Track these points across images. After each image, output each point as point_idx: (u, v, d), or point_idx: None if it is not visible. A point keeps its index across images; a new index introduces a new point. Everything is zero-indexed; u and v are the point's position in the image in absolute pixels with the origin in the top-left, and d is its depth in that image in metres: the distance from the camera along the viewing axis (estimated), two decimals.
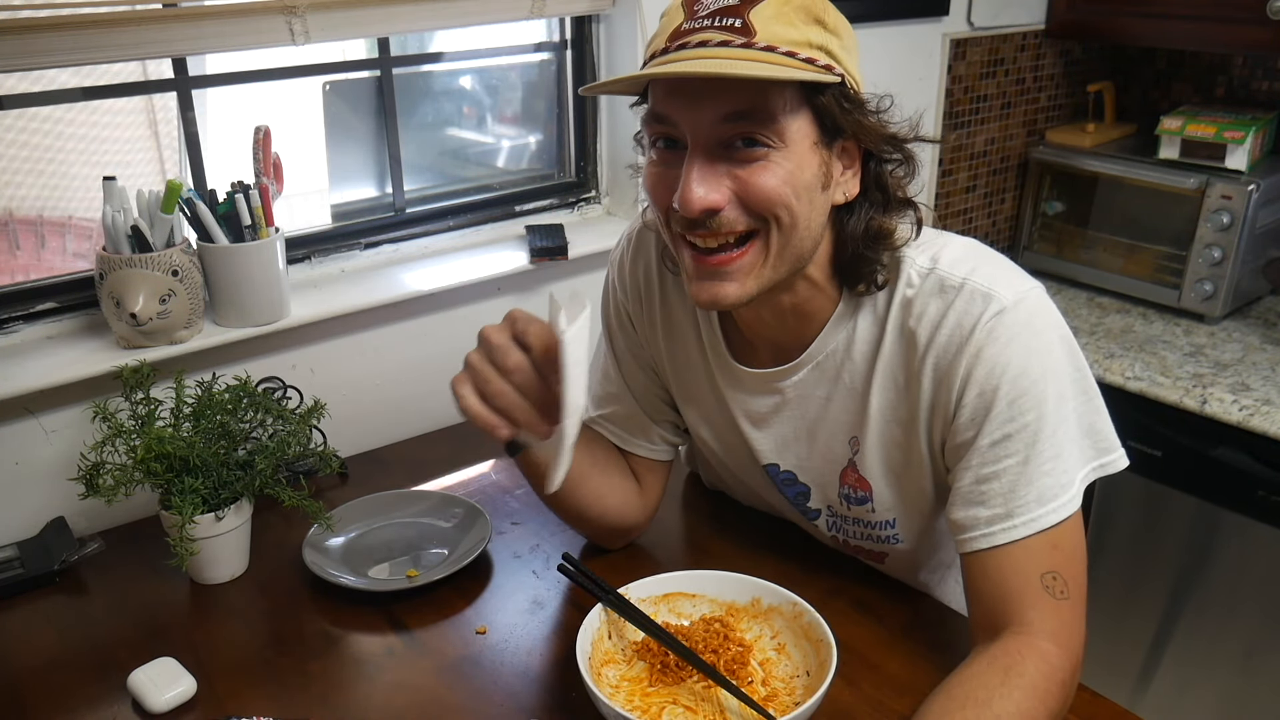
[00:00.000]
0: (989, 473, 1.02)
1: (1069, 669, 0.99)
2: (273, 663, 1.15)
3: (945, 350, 1.03)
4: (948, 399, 1.04)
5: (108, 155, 1.71)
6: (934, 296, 1.04)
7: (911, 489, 1.13)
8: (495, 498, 1.48)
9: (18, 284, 1.47)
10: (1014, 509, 1.00)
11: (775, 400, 1.17)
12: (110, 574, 1.33)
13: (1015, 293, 1.01)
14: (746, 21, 0.93)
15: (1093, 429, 1.04)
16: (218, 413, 1.29)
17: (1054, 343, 1.02)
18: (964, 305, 1.02)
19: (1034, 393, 1.00)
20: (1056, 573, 1.00)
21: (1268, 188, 2.08)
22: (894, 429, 1.10)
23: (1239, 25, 2.03)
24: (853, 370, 1.11)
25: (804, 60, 0.93)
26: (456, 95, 1.92)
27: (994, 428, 1.01)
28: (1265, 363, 1.98)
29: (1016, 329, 1.00)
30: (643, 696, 1.04)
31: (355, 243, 1.73)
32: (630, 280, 1.28)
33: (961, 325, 1.01)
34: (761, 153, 0.94)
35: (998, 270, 1.04)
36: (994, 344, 1.00)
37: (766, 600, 1.13)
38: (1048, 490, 1.00)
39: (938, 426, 1.07)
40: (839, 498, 1.19)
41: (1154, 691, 2.13)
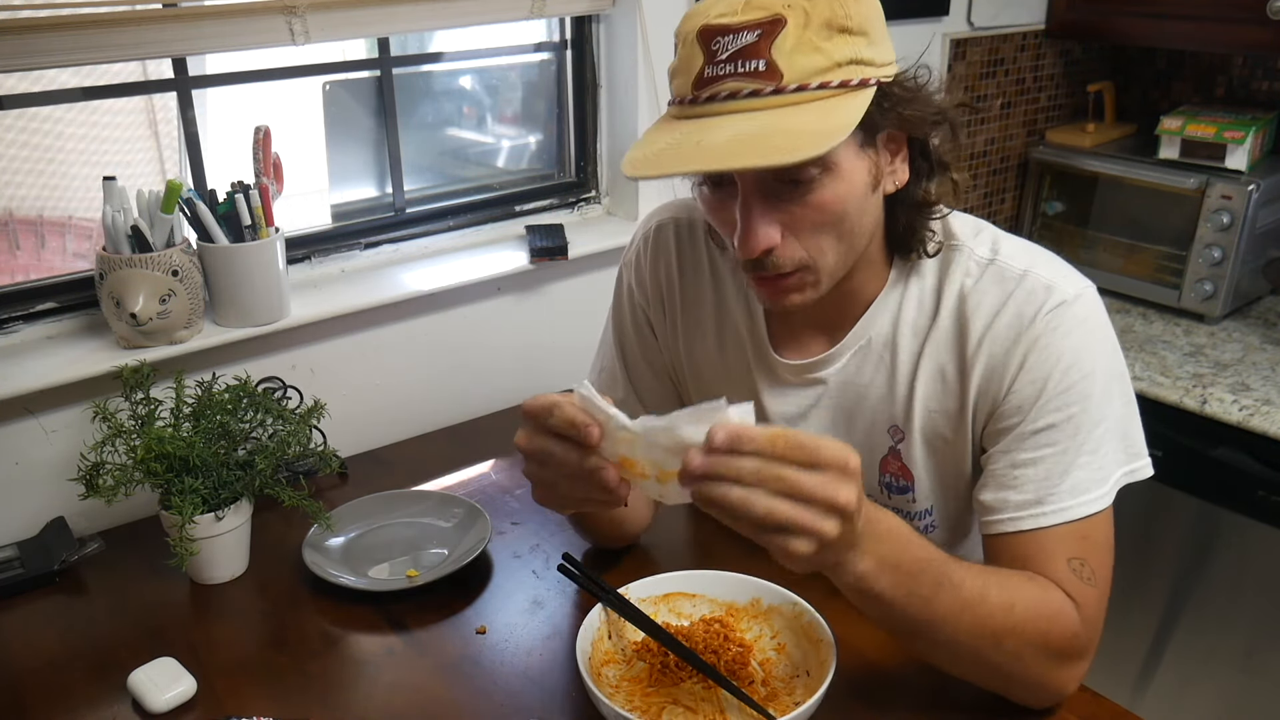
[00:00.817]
0: (1026, 459, 1.03)
1: (1083, 640, 1.00)
2: (273, 663, 1.15)
3: (1003, 338, 1.04)
4: (999, 386, 1.04)
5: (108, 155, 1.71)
6: (994, 285, 1.05)
7: (951, 477, 1.14)
8: (495, 498, 1.48)
9: (18, 284, 1.47)
10: (1045, 497, 1.01)
11: (816, 391, 1.17)
12: (110, 574, 1.33)
13: (1076, 288, 1.04)
14: (770, 62, 0.91)
15: (1127, 434, 1.06)
16: (218, 413, 1.29)
17: (1107, 340, 1.05)
18: (1025, 295, 1.03)
19: (1083, 386, 1.01)
20: (1084, 560, 1.01)
21: (1268, 188, 2.07)
22: (938, 419, 1.11)
23: (1239, 25, 2.03)
24: (897, 356, 1.11)
25: (837, 87, 0.92)
26: (456, 95, 1.92)
27: (1039, 415, 1.02)
28: (1265, 363, 1.98)
29: (1075, 323, 1.02)
30: (642, 696, 1.04)
31: (355, 243, 1.73)
32: (651, 283, 1.27)
33: (1022, 314, 1.03)
34: (811, 185, 0.95)
35: (1057, 265, 1.07)
36: (1053, 334, 1.02)
37: (766, 600, 1.13)
38: (1082, 483, 1.01)
39: (984, 411, 1.07)
40: (879, 486, 1.18)
41: (1154, 691, 2.13)
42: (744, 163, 0.89)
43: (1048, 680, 1.01)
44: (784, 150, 0.88)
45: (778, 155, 0.88)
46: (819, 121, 0.90)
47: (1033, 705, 1.04)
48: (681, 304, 1.26)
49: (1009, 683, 1.02)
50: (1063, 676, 1.01)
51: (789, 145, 0.88)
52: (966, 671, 1.01)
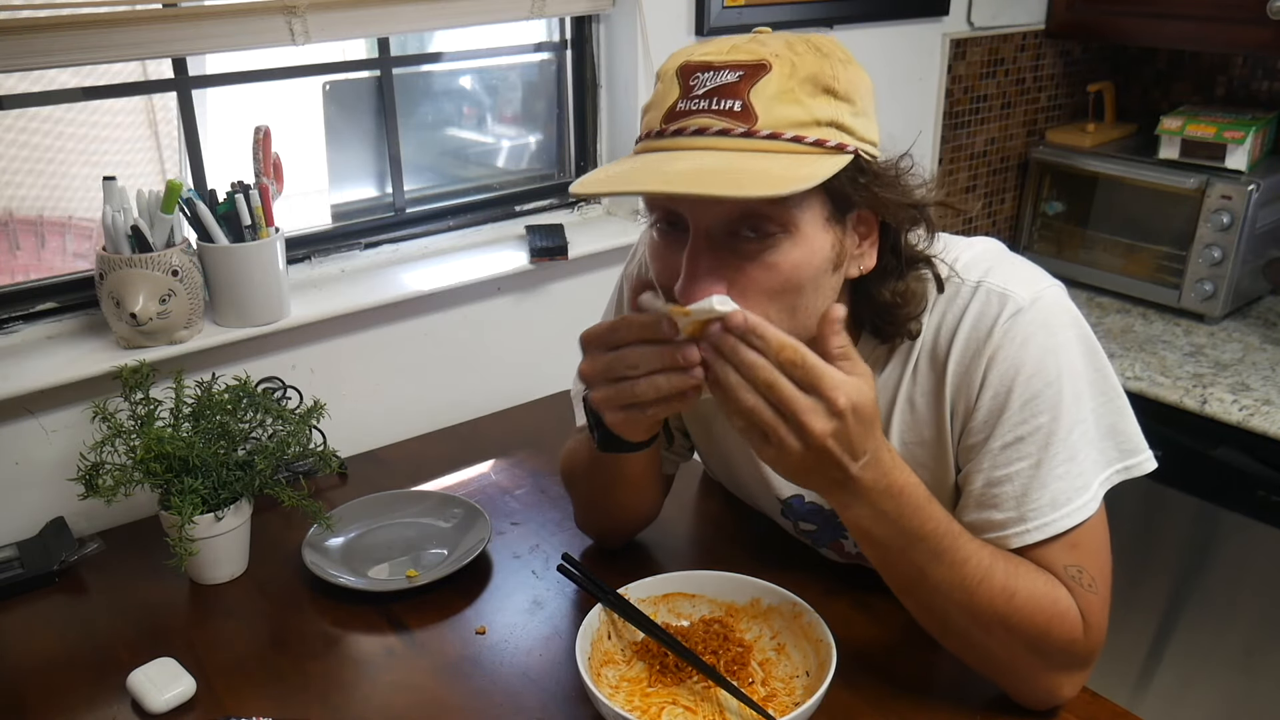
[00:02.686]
0: (1000, 475, 1.00)
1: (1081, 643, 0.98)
2: (272, 663, 1.15)
3: (964, 355, 1.01)
4: (966, 403, 1.01)
5: (108, 155, 1.71)
6: (952, 304, 1.02)
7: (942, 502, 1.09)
8: (495, 498, 1.48)
9: (18, 284, 1.47)
10: (1026, 513, 0.98)
11: None
12: (110, 574, 1.33)
13: (1031, 292, 1.00)
14: (747, 104, 0.87)
15: (1114, 430, 1.02)
16: (217, 413, 1.29)
17: (1071, 342, 1.00)
18: (979, 308, 1.00)
19: (1048, 394, 0.98)
20: (1081, 567, 0.99)
21: (1268, 188, 2.08)
22: (917, 451, 1.07)
23: (1239, 25, 2.03)
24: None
25: (812, 144, 0.87)
26: (456, 95, 1.92)
27: (1006, 430, 0.99)
28: (1265, 363, 1.98)
29: (1032, 329, 0.98)
30: (642, 697, 1.04)
31: (355, 243, 1.73)
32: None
33: (978, 328, 1.00)
34: (768, 243, 0.90)
35: (1014, 270, 1.03)
36: (1009, 345, 0.98)
37: (766, 600, 1.13)
38: (1061, 494, 0.98)
39: (957, 430, 1.04)
40: None
41: (1154, 691, 2.13)
42: (699, 189, 0.82)
43: (1037, 680, 1.01)
44: (743, 185, 0.83)
45: (736, 188, 0.82)
46: (786, 169, 0.85)
47: (1025, 703, 1.04)
48: None
49: (998, 673, 1.02)
50: (1056, 680, 1.01)
51: (750, 182, 0.83)
52: (955, 648, 1.01)
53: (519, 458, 1.61)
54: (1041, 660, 0.99)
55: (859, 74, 0.92)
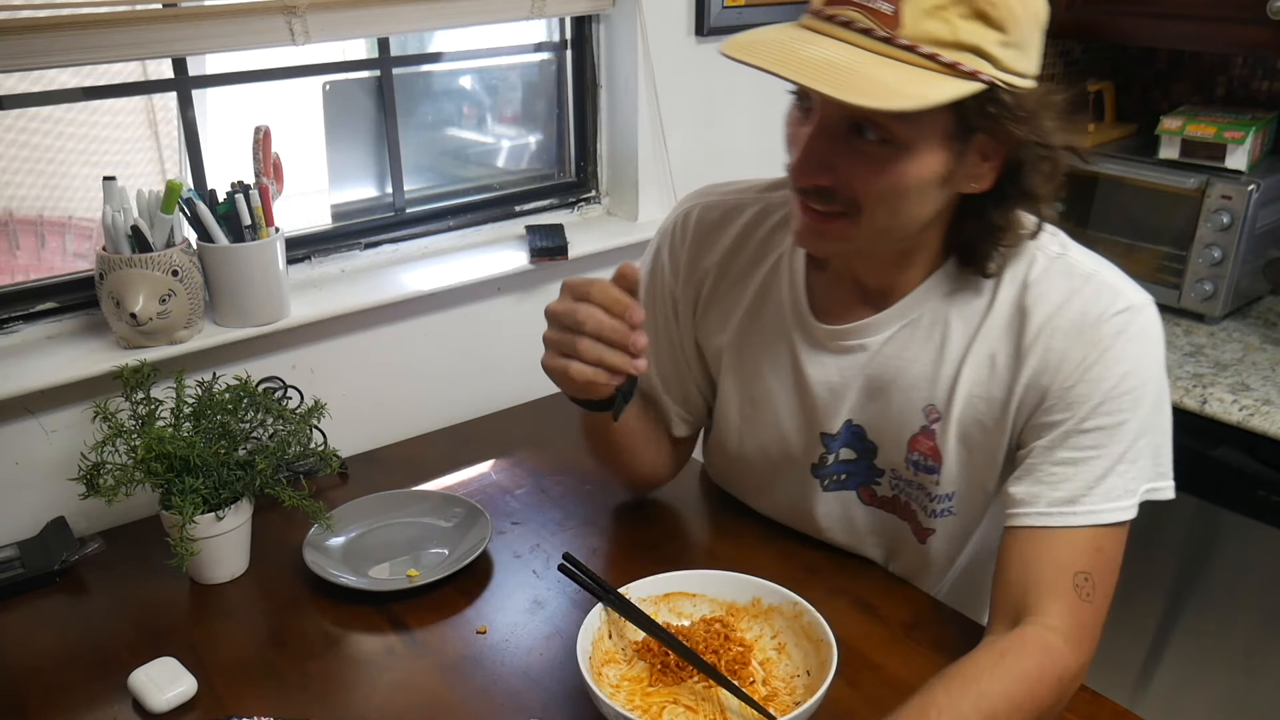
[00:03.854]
0: (1069, 457, 1.03)
1: (1072, 669, 0.99)
2: (273, 662, 1.15)
3: (1065, 332, 1.03)
4: (1052, 379, 1.04)
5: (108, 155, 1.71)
6: (1060, 279, 1.05)
7: (981, 465, 1.12)
8: (495, 497, 1.48)
9: (18, 284, 1.47)
10: (1078, 497, 1.02)
11: (855, 359, 1.15)
12: (110, 574, 1.33)
13: (1141, 298, 1.05)
14: (898, 10, 0.88)
15: (1159, 451, 1.06)
16: (218, 413, 1.29)
17: (1158, 355, 1.05)
18: (1092, 294, 1.04)
19: (1135, 395, 1.02)
20: (1090, 574, 1.02)
21: (1268, 188, 2.07)
22: (980, 405, 1.09)
23: (1239, 25, 2.03)
24: (948, 338, 1.10)
25: (946, 64, 0.89)
26: (456, 95, 1.92)
27: (1092, 416, 1.02)
28: (1265, 363, 1.98)
29: (1139, 330, 1.03)
30: (643, 696, 1.04)
31: (355, 243, 1.73)
32: (686, 267, 1.27)
33: (1088, 312, 1.03)
34: (881, 150, 0.94)
35: (1122, 275, 1.07)
36: (1118, 338, 1.02)
37: (767, 600, 1.13)
38: (1115, 489, 1.02)
39: (1030, 402, 1.06)
40: (905, 462, 1.17)
41: (1154, 691, 2.13)
42: (815, 83, 0.87)
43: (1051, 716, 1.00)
44: (858, 92, 0.86)
45: (848, 91, 0.86)
46: (907, 84, 0.88)
47: None
48: (729, 287, 1.24)
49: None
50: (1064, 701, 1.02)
51: (865, 89, 0.87)
52: None
53: (519, 457, 1.61)
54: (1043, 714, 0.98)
55: (1033, 4, 0.93)
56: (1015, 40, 0.92)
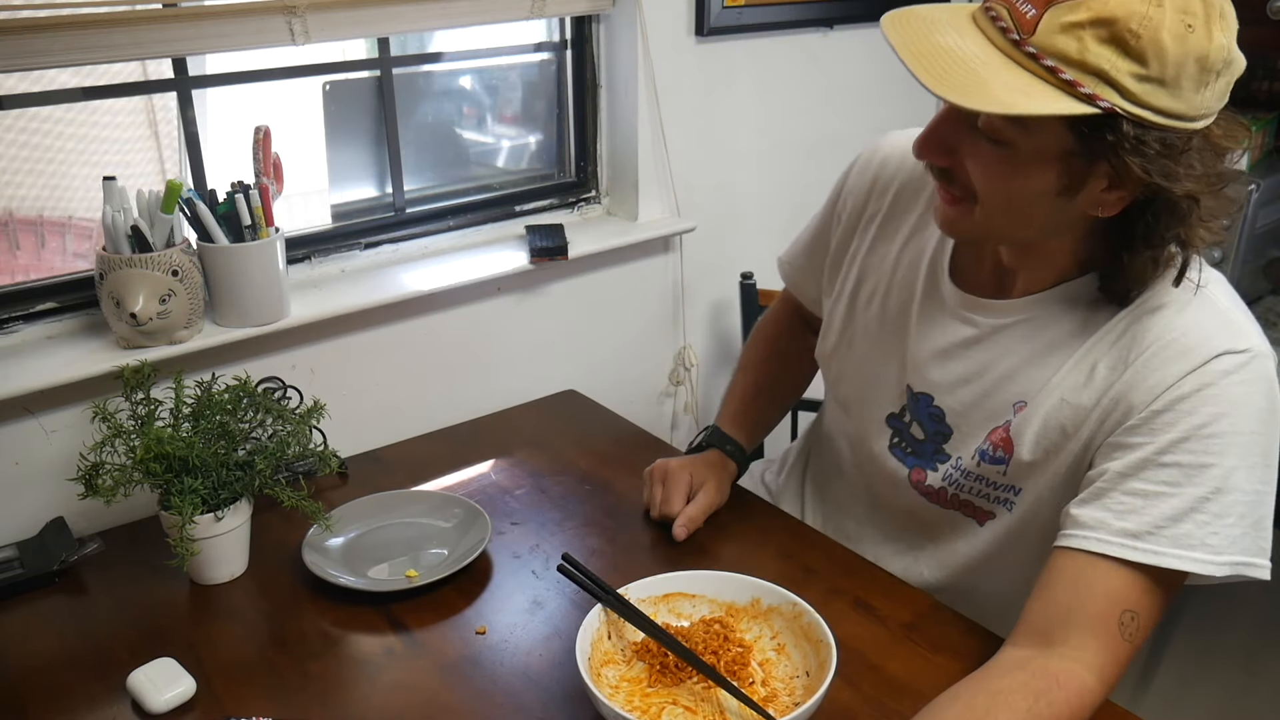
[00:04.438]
0: (1142, 489, 0.98)
1: (1092, 700, 0.98)
2: (272, 663, 1.15)
3: (1172, 356, 0.99)
4: (1139, 397, 1.00)
5: (108, 155, 1.71)
6: (1188, 308, 1.01)
7: (1049, 471, 1.10)
8: (495, 498, 1.48)
9: (18, 284, 1.47)
10: (1144, 533, 0.97)
11: (965, 333, 1.15)
12: (110, 574, 1.33)
13: (1262, 347, 1.00)
14: (1039, 17, 0.89)
15: (1260, 524, 1.00)
16: (217, 413, 1.29)
17: (1268, 414, 0.99)
18: (1215, 327, 1.00)
19: (1230, 440, 0.97)
20: (1137, 614, 0.98)
21: (1268, 188, 2.07)
22: (1066, 412, 1.07)
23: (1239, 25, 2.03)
24: (1056, 341, 1.08)
25: (1064, 81, 0.88)
26: (456, 95, 1.92)
27: (1169, 450, 0.98)
28: None
29: (1253, 377, 0.98)
30: (642, 697, 1.04)
31: (355, 243, 1.73)
32: (873, 176, 1.30)
33: (1206, 343, 0.98)
34: (989, 148, 0.96)
35: (1256, 325, 1.04)
36: (1224, 378, 0.97)
37: (766, 601, 1.13)
38: (1187, 538, 0.96)
39: (1115, 418, 1.02)
40: (975, 453, 1.15)
41: (1154, 691, 2.13)
42: (921, 72, 0.91)
43: None
44: (953, 86, 0.90)
45: (942, 84, 0.90)
46: (1010, 91, 0.89)
47: None
48: (891, 204, 1.27)
49: None
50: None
51: (963, 85, 0.90)
52: None
53: (519, 458, 1.61)
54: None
55: (1195, 43, 0.89)
56: (1158, 75, 0.88)
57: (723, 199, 2.07)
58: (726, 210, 2.08)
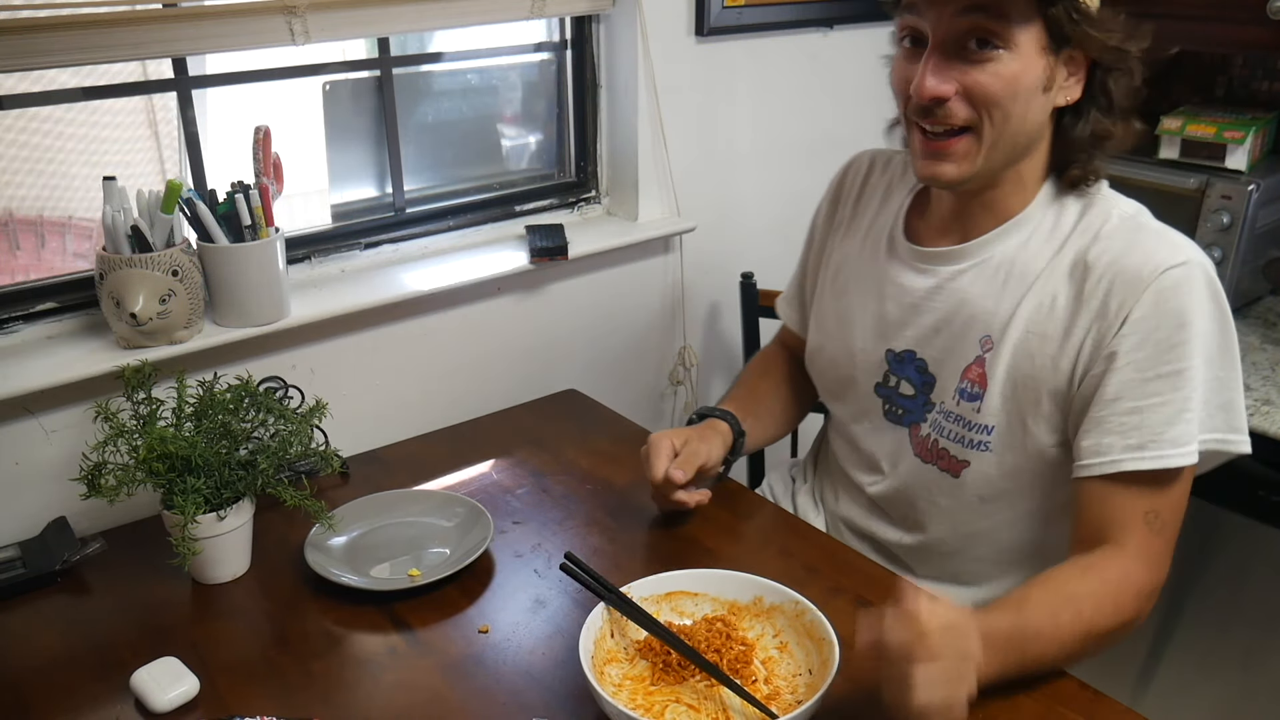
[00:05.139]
0: (1135, 406, 1.09)
1: (1149, 585, 1.10)
2: (275, 662, 1.15)
3: (1125, 282, 1.10)
4: (1110, 324, 1.11)
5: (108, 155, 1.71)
6: (1127, 234, 1.14)
7: (1026, 400, 1.19)
8: (497, 497, 1.48)
9: (18, 284, 1.47)
10: (1147, 442, 1.09)
11: (930, 283, 1.26)
12: (112, 574, 1.33)
13: (1201, 256, 1.12)
14: None
15: (1230, 405, 1.13)
16: (219, 412, 1.29)
17: (1217, 311, 1.11)
18: (1154, 246, 1.12)
19: (1194, 344, 1.08)
20: (1159, 512, 1.10)
21: (1268, 188, 2.07)
22: (1034, 341, 1.17)
23: (1239, 25, 2.03)
24: (1011, 276, 1.19)
25: None
26: (456, 95, 1.92)
27: (1150, 366, 1.09)
28: (1265, 363, 1.98)
29: (1196, 284, 1.09)
30: (645, 695, 1.04)
31: (355, 243, 1.73)
32: (836, 186, 1.46)
33: (1148, 263, 1.10)
34: (991, 54, 1.07)
35: (1185, 238, 1.15)
36: (1174, 289, 1.09)
37: (769, 599, 1.13)
38: (1182, 435, 1.09)
39: (1088, 352, 1.13)
40: (954, 392, 1.24)
41: (1154, 691, 2.13)
42: None
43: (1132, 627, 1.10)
44: None
45: None
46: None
47: None
48: (852, 211, 1.41)
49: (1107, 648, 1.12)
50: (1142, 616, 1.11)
51: None
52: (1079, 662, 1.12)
53: (520, 457, 1.61)
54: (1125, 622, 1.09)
55: None
56: None
57: (723, 199, 2.07)
58: (726, 210, 2.08)
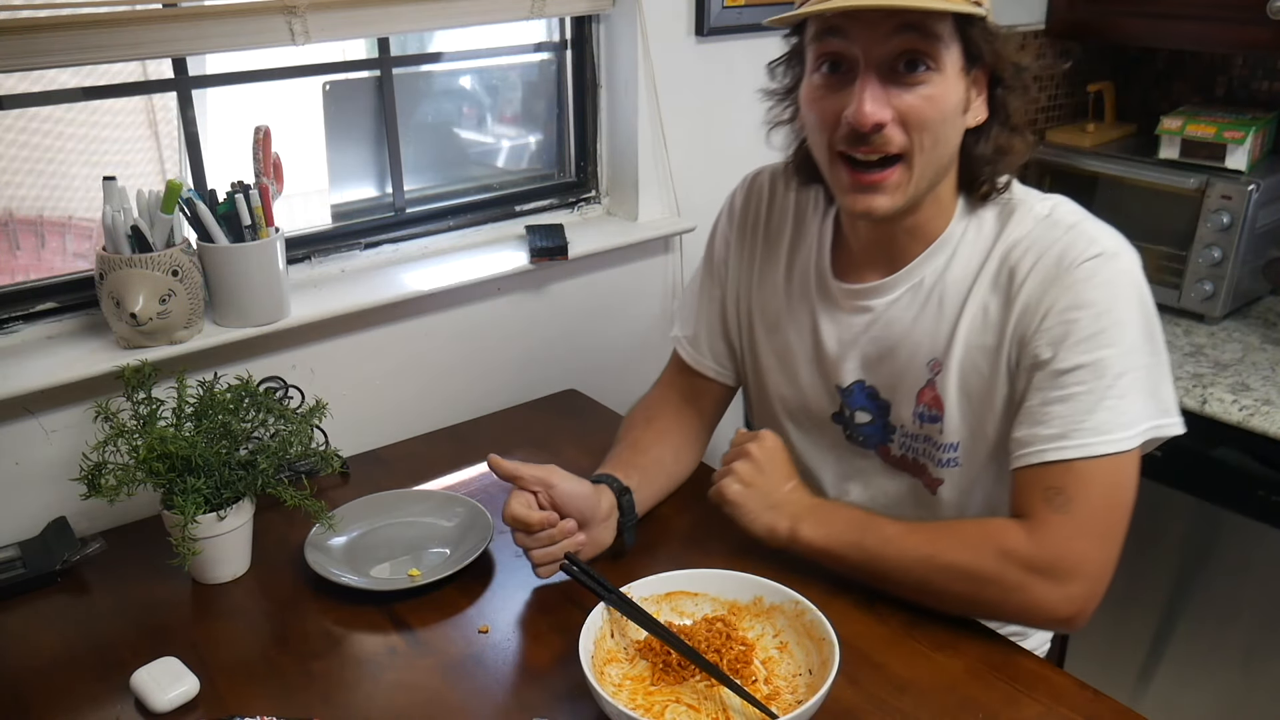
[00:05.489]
0: (1056, 396, 1.10)
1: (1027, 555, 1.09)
2: (275, 662, 1.15)
3: (1043, 277, 1.12)
4: (1032, 321, 1.12)
5: (108, 155, 1.71)
6: (1045, 232, 1.15)
7: (981, 412, 1.20)
8: (497, 497, 1.48)
9: (18, 284, 1.47)
10: (1069, 431, 1.09)
11: (866, 319, 1.26)
12: (112, 574, 1.33)
13: (1117, 245, 1.13)
14: None
15: (1157, 392, 1.13)
16: (219, 412, 1.29)
17: (1137, 298, 1.12)
18: (1070, 240, 1.12)
19: (1113, 333, 1.09)
20: (1060, 489, 1.10)
21: (1268, 188, 2.08)
22: (977, 355, 1.18)
23: (1239, 25, 2.03)
24: (945, 297, 1.20)
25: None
26: (456, 95, 1.92)
27: (1068, 355, 1.10)
28: (1265, 363, 1.98)
29: (1111, 275, 1.10)
30: (645, 695, 1.04)
31: (355, 243, 1.73)
32: (740, 214, 1.42)
33: (1064, 258, 1.11)
34: (924, 76, 1.06)
35: (1107, 227, 1.16)
36: (1088, 281, 1.10)
37: (769, 599, 1.13)
38: (1105, 423, 1.08)
39: (1016, 346, 1.15)
40: (914, 416, 1.25)
41: (1154, 691, 2.13)
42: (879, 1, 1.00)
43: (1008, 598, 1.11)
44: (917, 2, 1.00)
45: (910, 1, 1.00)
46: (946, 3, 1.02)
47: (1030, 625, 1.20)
48: (764, 238, 1.38)
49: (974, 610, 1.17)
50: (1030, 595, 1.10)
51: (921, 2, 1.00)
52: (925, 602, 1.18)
53: (520, 457, 1.59)
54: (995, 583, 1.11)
55: None
56: None
57: (722, 199, 2.06)
58: None
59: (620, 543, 1.31)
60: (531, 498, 1.22)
